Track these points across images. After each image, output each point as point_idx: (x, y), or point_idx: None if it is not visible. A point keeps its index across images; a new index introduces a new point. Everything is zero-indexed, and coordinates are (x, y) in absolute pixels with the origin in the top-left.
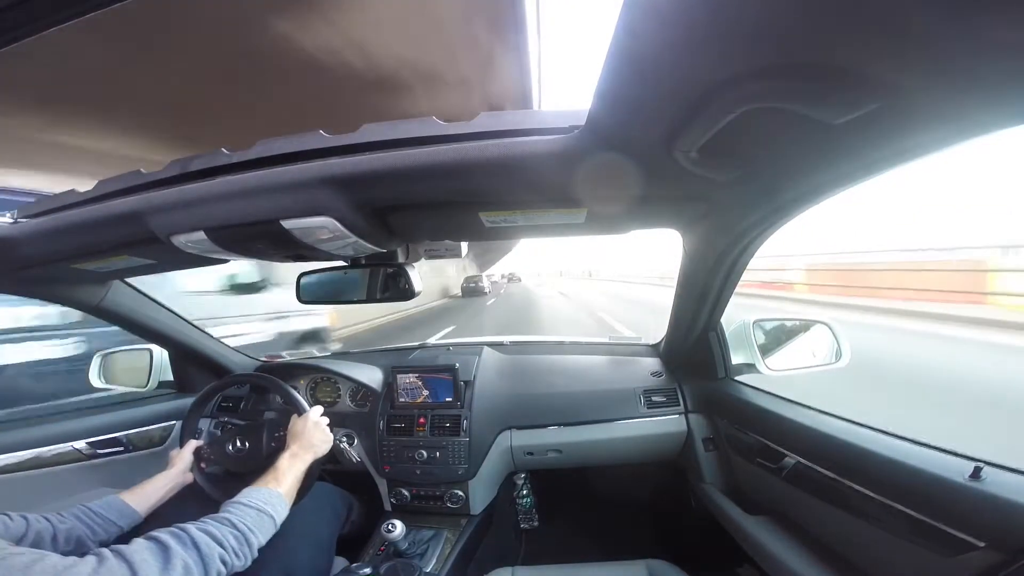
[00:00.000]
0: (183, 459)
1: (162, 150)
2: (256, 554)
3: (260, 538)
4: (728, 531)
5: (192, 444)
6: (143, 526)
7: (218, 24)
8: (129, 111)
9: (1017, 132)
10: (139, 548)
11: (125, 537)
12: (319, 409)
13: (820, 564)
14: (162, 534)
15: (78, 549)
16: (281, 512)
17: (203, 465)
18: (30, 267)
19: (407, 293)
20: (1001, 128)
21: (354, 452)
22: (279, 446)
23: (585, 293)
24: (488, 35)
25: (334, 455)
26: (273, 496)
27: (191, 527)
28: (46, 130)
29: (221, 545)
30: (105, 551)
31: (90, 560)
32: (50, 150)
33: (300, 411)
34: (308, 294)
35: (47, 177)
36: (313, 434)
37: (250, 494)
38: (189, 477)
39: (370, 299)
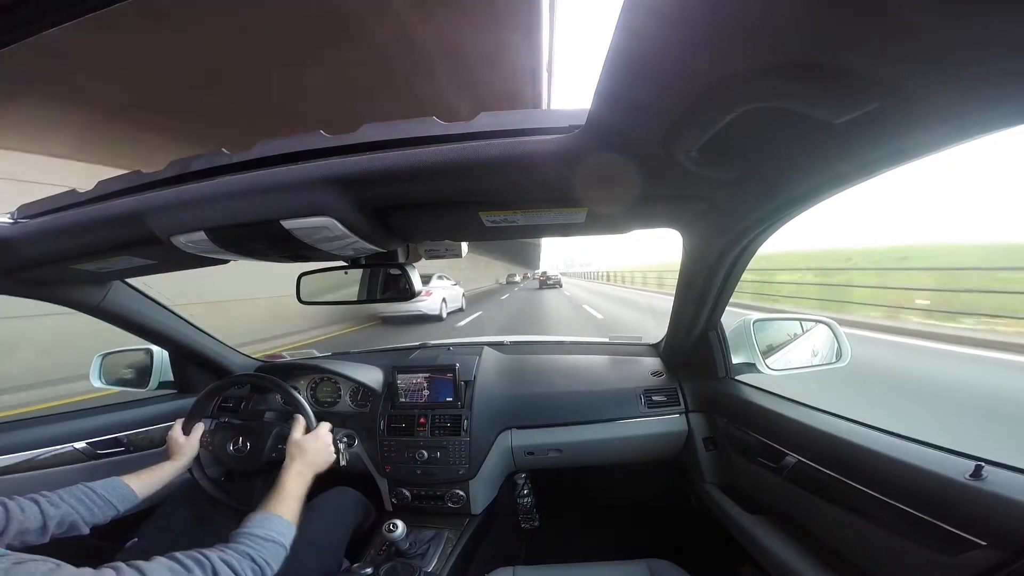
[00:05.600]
0: (191, 446)
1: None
2: None
3: (274, 568)
4: (729, 530)
5: (198, 430)
6: (134, 522)
7: None
8: None
9: (1017, 132)
10: (159, 567)
11: (120, 521)
12: (327, 425)
13: (821, 563)
14: (184, 557)
15: (71, 532)
16: (291, 540)
17: (203, 456)
18: (30, 268)
19: (407, 293)
20: (1001, 128)
21: (344, 455)
22: (281, 457)
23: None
24: (500, 36)
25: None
26: (284, 525)
27: (212, 554)
28: None
29: None
30: (122, 565)
31: (107, 574)
32: None
33: (310, 426)
34: (308, 294)
35: None
36: (320, 453)
37: (264, 524)
38: (189, 465)
39: (370, 299)
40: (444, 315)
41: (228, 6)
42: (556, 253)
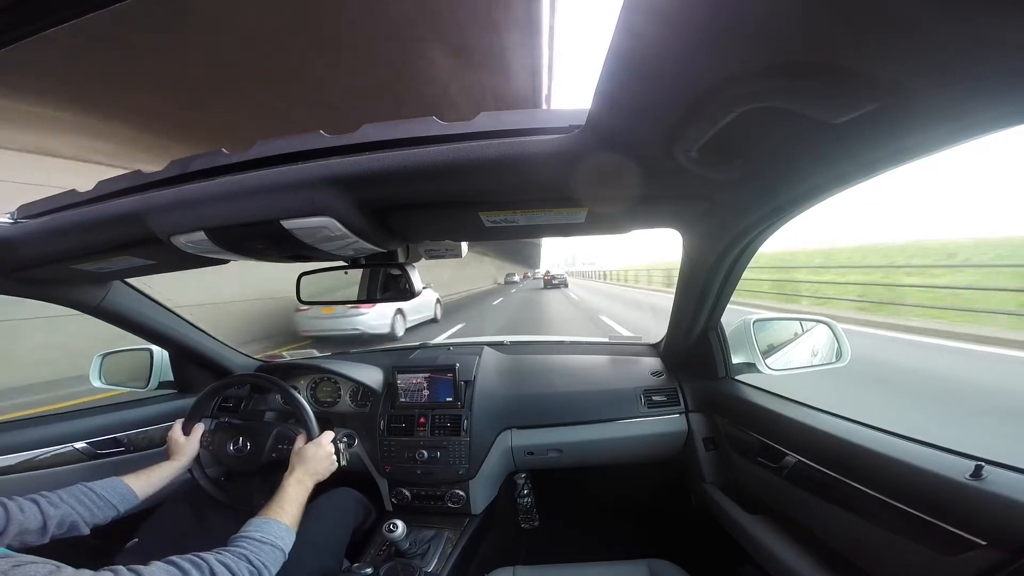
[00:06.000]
0: (191, 446)
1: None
2: None
3: (272, 571)
4: (728, 530)
5: (198, 430)
6: (134, 521)
7: None
8: None
9: (1017, 132)
10: (157, 570)
11: (120, 522)
12: (330, 435)
13: (821, 563)
14: (181, 560)
15: (71, 533)
16: (289, 545)
17: (203, 456)
18: (30, 267)
19: (407, 293)
20: (1001, 128)
21: (344, 456)
22: (281, 457)
23: None
24: (501, 36)
25: None
26: (283, 530)
27: (210, 557)
28: None
29: None
30: (121, 568)
31: None
32: None
33: (312, 434)
34: (308, 294)
35: None
36: (321, 462)
37: (263, 528)
38: (190, 466)
39: (370, 299)
40: (399, 331)
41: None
42: (557, 252)
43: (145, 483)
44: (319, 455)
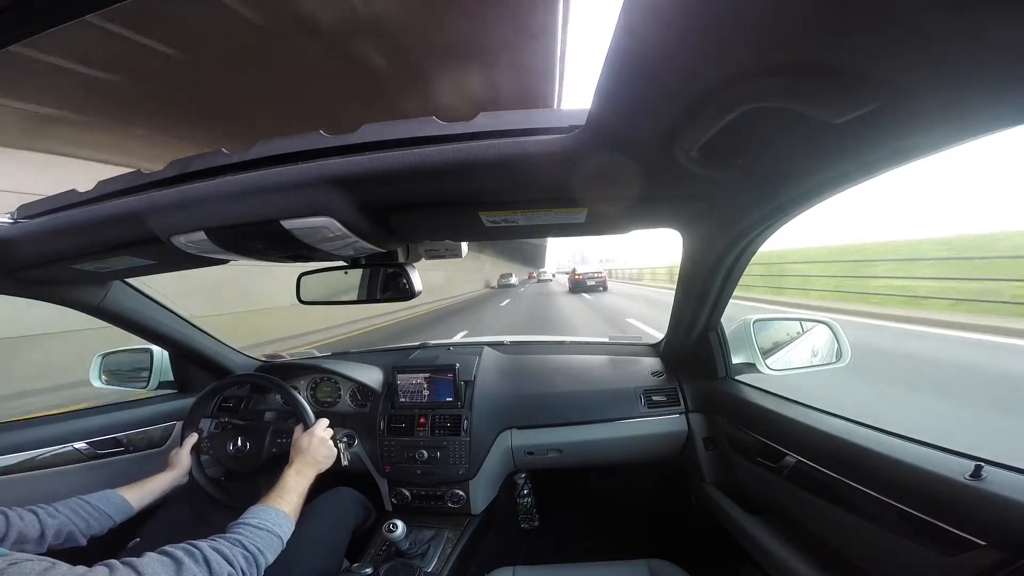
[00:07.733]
0: (183, 459)
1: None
2: (263, 574)
3: (268, 558)
4: (729, 531)
5: (191, 441)
6: (134, 523)
7: None
8: None
9: (1017, 132)
10: (151, 561)
11: (117, 531)
12: (324, 422)
13: (821, 563)
14: (175, 550)
15: (68, 543)
16: (288, 532)
17: (203, 457)
18: (30, 267)
19: (407, 293)
20: (1001, 128)
21: (345, 456)
22: (280, 452)
23: None
24: (514, 35)
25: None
26: (281, 517)
27: (203, 544)
28: None
29: (231, 564)
30: (115, 563)
31: (100, 571)
32: None
33: (307, 424)
34: (308, 294)
35: None
36: (319, 450)
37: (260, 515)
38: (187, 479)
39: (370, 299)
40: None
41: None
42: (564, 249)
43: (140, 494)
44: (315, 444)
